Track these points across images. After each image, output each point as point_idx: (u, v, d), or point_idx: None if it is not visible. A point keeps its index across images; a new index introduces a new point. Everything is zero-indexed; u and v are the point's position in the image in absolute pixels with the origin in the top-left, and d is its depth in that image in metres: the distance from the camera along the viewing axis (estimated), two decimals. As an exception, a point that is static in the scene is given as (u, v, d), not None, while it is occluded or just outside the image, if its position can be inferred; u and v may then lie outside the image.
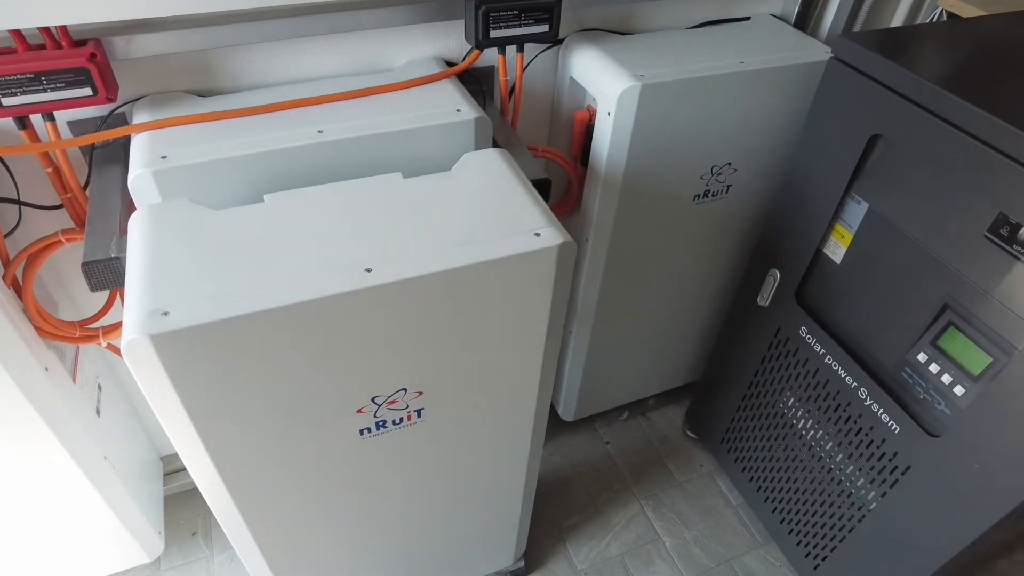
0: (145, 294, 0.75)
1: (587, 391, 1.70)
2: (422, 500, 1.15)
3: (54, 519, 1.24)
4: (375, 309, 0.80)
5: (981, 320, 1.06)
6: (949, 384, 1.13)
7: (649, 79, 1.14)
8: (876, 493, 1.29)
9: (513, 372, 1.00)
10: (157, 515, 1.44)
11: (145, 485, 1.41)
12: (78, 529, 1.28)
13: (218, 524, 1.13)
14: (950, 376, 1.13)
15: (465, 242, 0.83)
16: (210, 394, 0.79)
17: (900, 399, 1.21)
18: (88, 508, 1.24)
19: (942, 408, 1.15)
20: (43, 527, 1.24)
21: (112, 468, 1.24)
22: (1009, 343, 1.03)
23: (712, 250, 1.52)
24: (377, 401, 0.91)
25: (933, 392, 1.16)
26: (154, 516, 1.41)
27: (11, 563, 1.29)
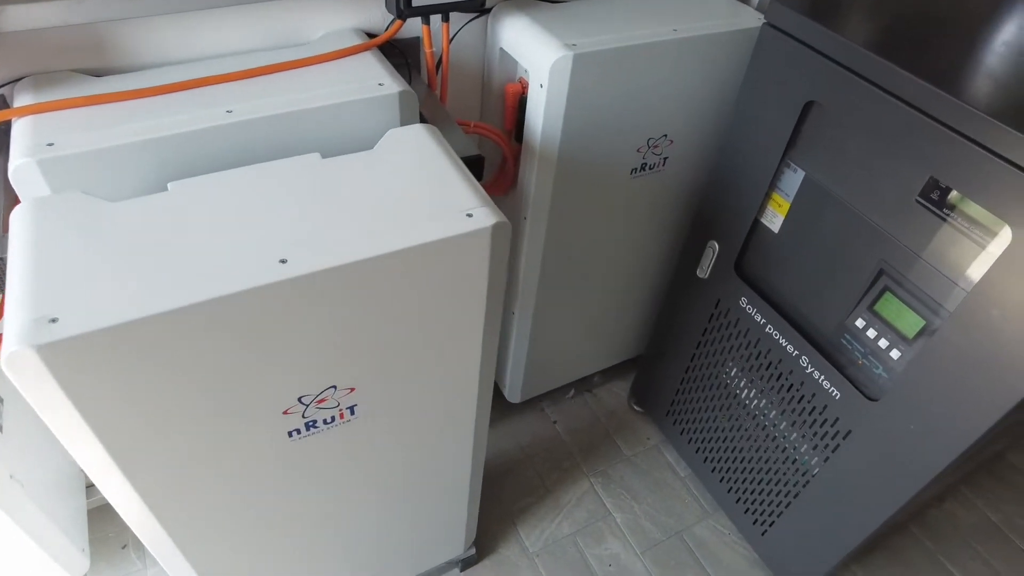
0: (28, 299, 0.66)
1: (533, 372, 1.67)
2: (363, 499, 1.10)
3: None
4: (294, 303, 0.74)
5: (914, 283, 1.08)
6: (886, 348, 1.15)
7: (582, 48, 1.09)
8: (819, 458, 1.31)
9: (452, 361, 0.95)
10: (80, 532, 1.34)
11: (63, 501, 1.31)
12: (-13, 554, 1.17)
13: (143, 539, 1.05)
14: (887, 340, 1.14)
15: (391, 226, 0.77)
16: (114, 407, 0.72)
17: (840, 365, 1.23)
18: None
19: (880, 372, 1.17)
20: (-55, 555, 1.14)
21: (21, 487, 1.14)
22: (940, 305, 1.05)
23: (652, 224, 1.51)
24: (304, 401, 0.85)
25: (871, 357, 1.18)
26: (76, 533, 1.31)
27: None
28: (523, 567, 1.54)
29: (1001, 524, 1.72)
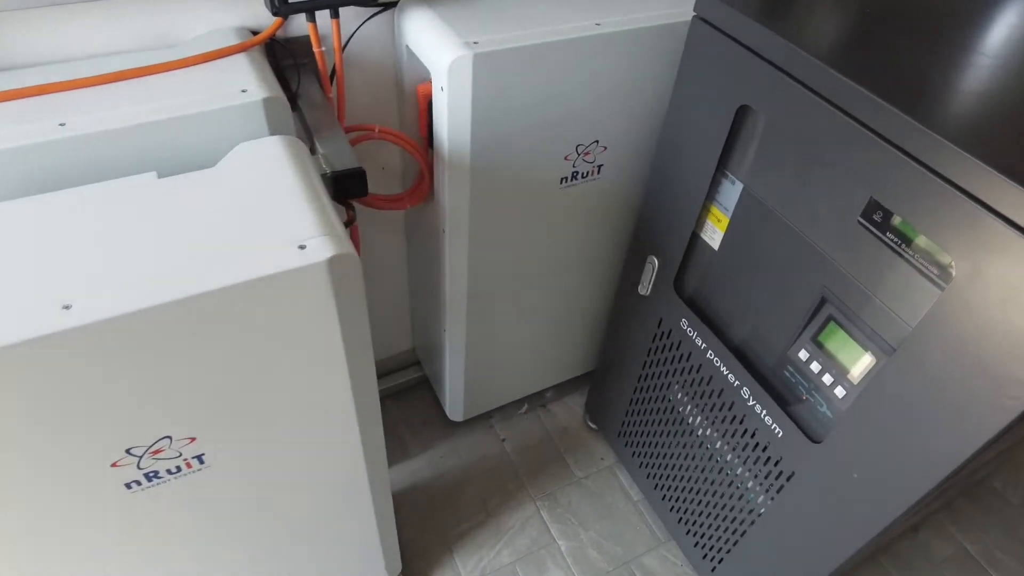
0: None
1: (474, 389, 1.56)
2: (242, 551, 1.01)
3: None
4: (85, 353, 0.64)
5: (856, 314, 0.95)
6: (830, 385, 1.02)
7: (484, 46, 0.97)
8: (765, 497, 1.20)
9: (317, 404, 0.85)
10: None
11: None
12: None
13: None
14: (831, 376, 1.02)
15: (205, 262, 0.67)
16: None
17: (783, 400, 1.10)
18: None
19: (824, 411, 1.05)
20: None
21: None
22: (884, 340, 0.92)
23: (592, 236, 1.38)
24: (135, 452, 0.76)
25: (815, 393, 1.05)
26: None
27: None
28: (455, 599, 1.45)
29: (979, 556, 1.59)
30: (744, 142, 1.03)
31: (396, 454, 1.67)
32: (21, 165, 0.79)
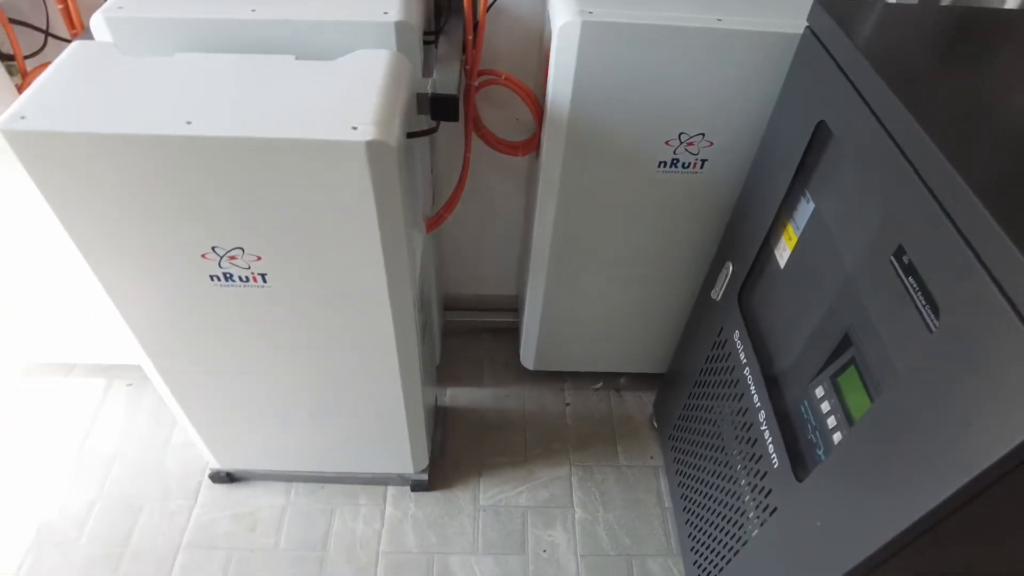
0: (21, 102, 0.90)
1: (547, 344, 1.67)
2: (294, 369, 1.24)
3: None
4: (195, 158, 0.89)
5: (870, 361, 0.90)
6: (832, 428, 0.98)
7: (596, 16, 1.07)
8: (754, 526, 1.16)
9: (353, 265, 1.04)
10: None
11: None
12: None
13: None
14: (835, 419, 0.97)
15: (290, 119, 0.88)
16: (83, 203, 0.94)
17: (791, 433, 1.07)
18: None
19: (820, 454, 1.00)
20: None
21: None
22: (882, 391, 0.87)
23: (681, 229, 1.40)
24: (217, 251, 1.01)
25: (817, 433, 1.01)
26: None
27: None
28: (465, 513, 1.59)
29: None
30: (821, 161, 1.01)
31: (470, 380, 1.85)
32: (220, 33, 1.07)
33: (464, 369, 1.87)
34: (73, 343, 1.67)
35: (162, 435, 1.70)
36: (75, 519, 1.55)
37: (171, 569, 1.48)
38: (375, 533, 1.56)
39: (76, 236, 1.00)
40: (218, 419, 1.41)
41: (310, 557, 1.51)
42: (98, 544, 1.52)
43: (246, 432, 1.45)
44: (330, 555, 1.52)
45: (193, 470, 1.64)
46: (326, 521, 1.57)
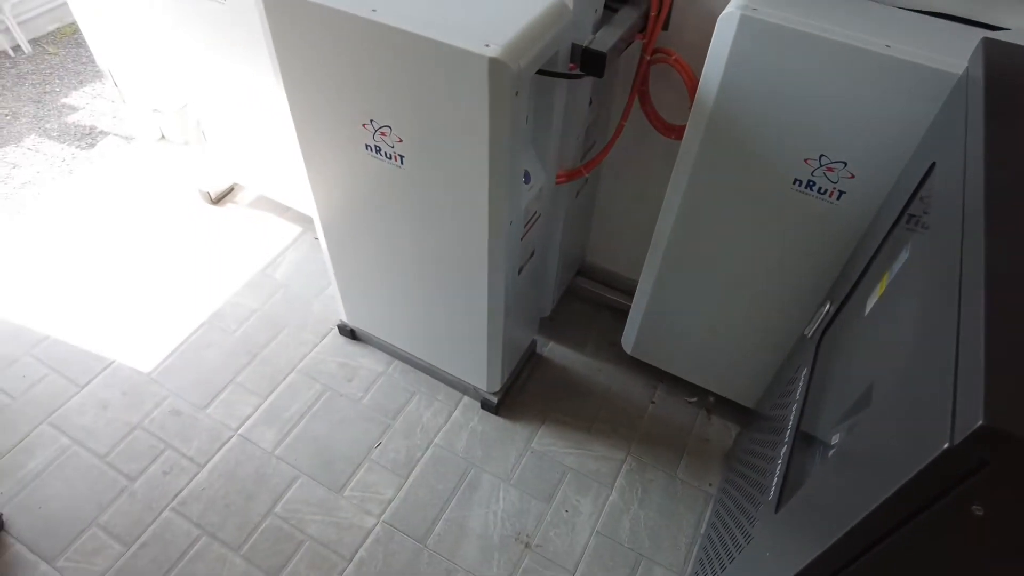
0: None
1: (647, 333, 1.70)
2: (415, 241, 1.44)
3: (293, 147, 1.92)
4: (369, 40, 1.11)
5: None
6: (829, 474, 0.93)
7: (759, 14, 1.09)
8: (735, 556, 1.13)
9: (465, 171, 1.20)
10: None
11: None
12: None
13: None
14: (835, 466, 0.92)
15: (439, 25, 1.07)
16: (289, 57, 1.24)
17: (798, 472, 1.02)
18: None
19: (810, 494, 0.95)
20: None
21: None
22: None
23: (805, 258, 1.34)
24: (374, 124, 1.25)
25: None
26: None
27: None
28: (515, 446, 1.71)
29: None
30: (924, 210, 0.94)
31: (573, 344, 1.95)
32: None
33: (573, 332, 1.97)
34: (292, 190, 2.09)
35: (320, 285, 2.07)
36: (237, 317, 1.97)
37: (282, 380, 1.83)
38: (437, 426, 1.75)
39: (288, 83, 1.30)
40: (354, 279, 1.70)
41: (380, 420, 1.76)
42: (244, 340, 1.92)
43: (373, 299, 1.72)
44: (395, 426, 1.75)
45: (329, 318, 1.98)
46: (404, 399, 1.80)
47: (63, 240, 2.19)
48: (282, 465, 1.67)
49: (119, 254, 2.15)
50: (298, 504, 1.60)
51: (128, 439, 1.71)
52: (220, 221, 2.26)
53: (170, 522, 1.57)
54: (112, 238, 2.20)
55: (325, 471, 1.66)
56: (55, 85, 3.10)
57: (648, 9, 1.32)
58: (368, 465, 1.67)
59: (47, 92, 3.05)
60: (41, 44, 3.31)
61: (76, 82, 3.12)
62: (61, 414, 1.75)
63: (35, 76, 3.13)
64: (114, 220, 2.26)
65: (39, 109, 2.96)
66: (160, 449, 1.69)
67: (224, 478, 1.64)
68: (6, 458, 1.66)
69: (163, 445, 1.70)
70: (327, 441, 1.72)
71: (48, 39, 3.35)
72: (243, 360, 1.87)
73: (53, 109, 2.96)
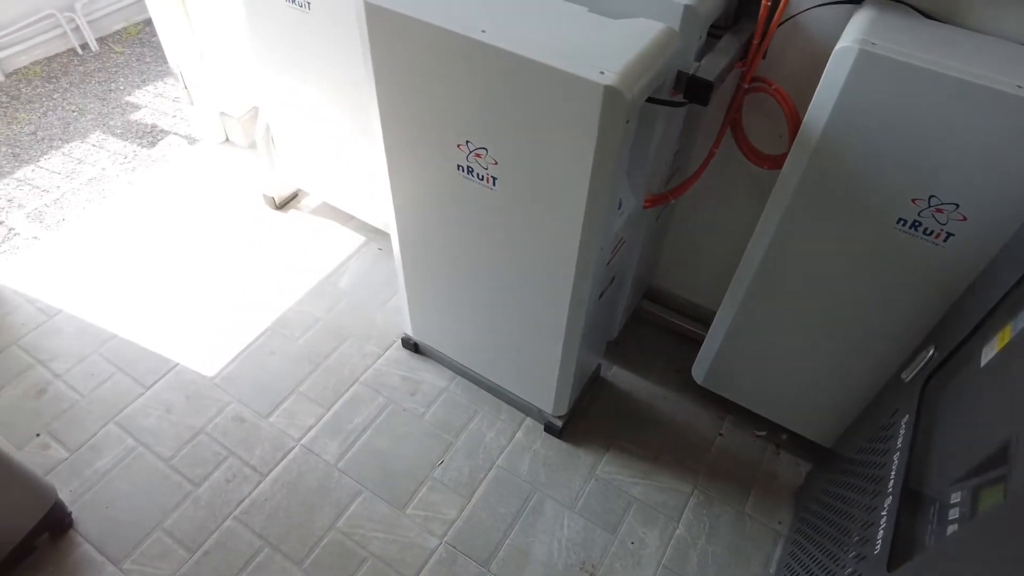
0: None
1: (721, 363, 1.66)
2: (497, 263, 1.42)
3: (361, 159, 1.92)
4: (476, 61, 1.10)
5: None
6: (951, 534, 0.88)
7: (878, 48, 1.06)
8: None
9: (562, 196, 1.18)
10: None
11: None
12: (367, 173, 1.95)
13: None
14: (958, 526, 0.88)
15: (551, 49, 1.05)
16: (386, 71, 1.23)
17: (908, 526, 0.98)
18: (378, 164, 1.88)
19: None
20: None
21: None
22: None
23: (903, 300, 1.29)
24: (470, 146, 1.23)
25: (931, 534, 0.92)
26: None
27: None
28: (579, 473, 1.68)
29: None
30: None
31: (639, 369, 1.91)
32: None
33: (638, 357, 1.94)
34: (358, 200, 2.09)
35: (384, 296, 2.06)
36: (301, 324, 1.97)
37: (345, 391, 1.82)
38: (499, 447, 1.73)
39: (381, 97, 1.29)
40: (425, 294, 1.68)
41: (442, 437, 1.74)
42: (308, 348, 1.91)
43: (442, 315, 1.71)
44: (457, 444, 1.73)
45: (392, 331, 1.97)
46: (467, 417, 1.78)
47: (128, 238, 2.22)
48: (345, 479, 1.66)
49: (183, 255, 2.16)
50: (361, 520, 1.59)
51: (192, 444, 1.71)
52: (284, 227, 2.27)
53: (233, 531, 1.56)
54: (177, 239, 2.22)
55: (388, 487, 1.65)
56: (120, 83, 3.15)
57: (750, 37, 1.29)
58: (431, 483, 1.66)
59: (112, 90, 3.11)
60: (107, 43, 3.37)
61: (139, 81, 3.17)
62: (127, 414, 1.76)
63: (101, 74, 3.19)
64: (179, 221, 2.28)
65: (104, 106, 3.01)
66: (223, 456, 1.69)
67: (287, 489, 1.63)
68: (76, 455, 1.67)
69: (226, 452, 1.70)
70: (389, 456, 1.70)
71: (114, 38, 3.41)
72: (306, 369, 1.87)
73: (117, 107, 3.01)
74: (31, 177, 2.63)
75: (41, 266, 2.12)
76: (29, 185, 2.59)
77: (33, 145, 2.79)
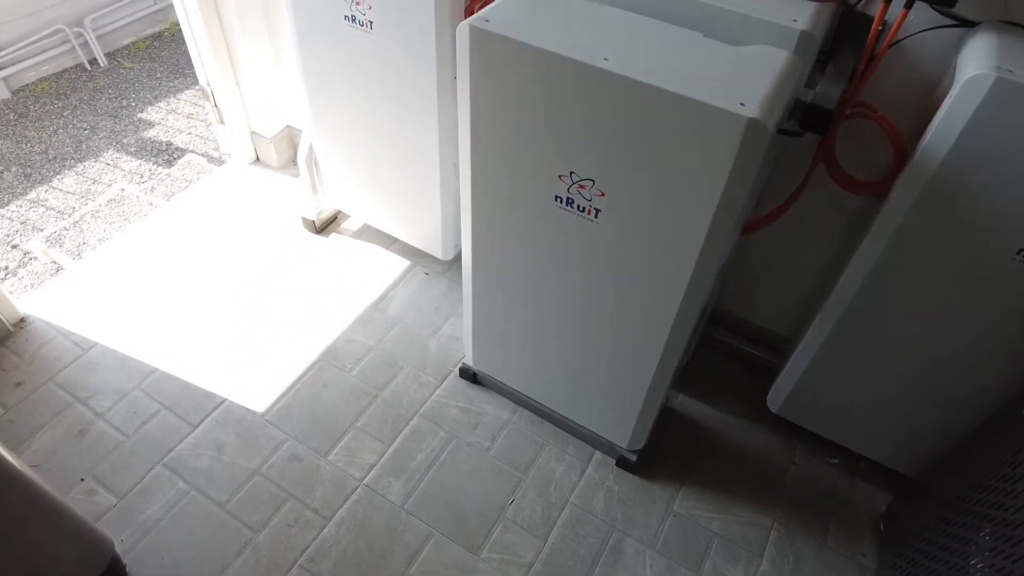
0: (488, 9, 1.13)
1: (801, 394, 1.62)
2: (588, 296, 1.35)
3: (409, 183, 1.85)
4: (598, 90, 1.04)
5: None
6: None
7: (1014, 76, 1.02)
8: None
9: (680, 232, 1.13)
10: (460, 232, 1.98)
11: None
12: (415, 199, 1.88)
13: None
14: None
15: (680, 78, 0.99)
16: (483, 96, 1.17)
17: None
18: (427, 190, 1.82)
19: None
20: (404, 179, 1.87)
21: (454, 175, 1.77)
22: None
23: (1018, 333, 1.26)
24: (573, 177, 1.17)
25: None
26: (458, 233, 1.95)
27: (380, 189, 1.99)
28: (656, 509, 1.62)
29: None
30: None
31: (706, 396, 1.86)
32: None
33: (705, 383, 1.89)
34: (404, 222, 2.01)
35: (436, 322, 1.99)
36: (353, 355, 1.89)
37: (405, 425, 1.74)
38: (571, 483, 1.66)
39: (474, 123, 1.22)
40: (493, 324, 1.62)
41: (510, 473, 1.67)
42: (362, 380, 1.83)
43: (509, 346, 1.64)
44: (527, 481, 1.66)
45: (447, 359, 1.89)
46: (534, 451, 1.71)
47: (161, 264, 2.12)
48: (413, 520, 1.58)
49: (221, 281, 2.07)
50: (435, 565, 1.51)
51: (248, 486, 1.62)
52: (325, 251, 2.18)
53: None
54: (213, 264, 2.12)
55: (459, 528, 1.57)
56: (131, 99, 3.04)
57: (856, 63, 1.25)
58: (503, 524, 1.58)
59: (123, 107, 3.00)
60: (116, 58, 3.26)
61: (151, 97, 3.07)
62: (176, 456, 1.66)
63: (111, 90, 3.08)
64: (214, 245, 2.19)
65: (116, 123, 2.90)
66: (282, 499, 1.60)
67: (353, 533, 1.55)
68: (125, 501, 1.57)
69: (285, 494, 1.61)
70: (457, 495, 1.63)
71: (123, 53, 3.30)
72: (362, 402, 1.78)
73: (130, 124, 2.91)
74: (45, 198, 2.52)
75: (71, 295, 2.01)
76: (43, 207, 2.48)
77: (45, 164, 2.68)
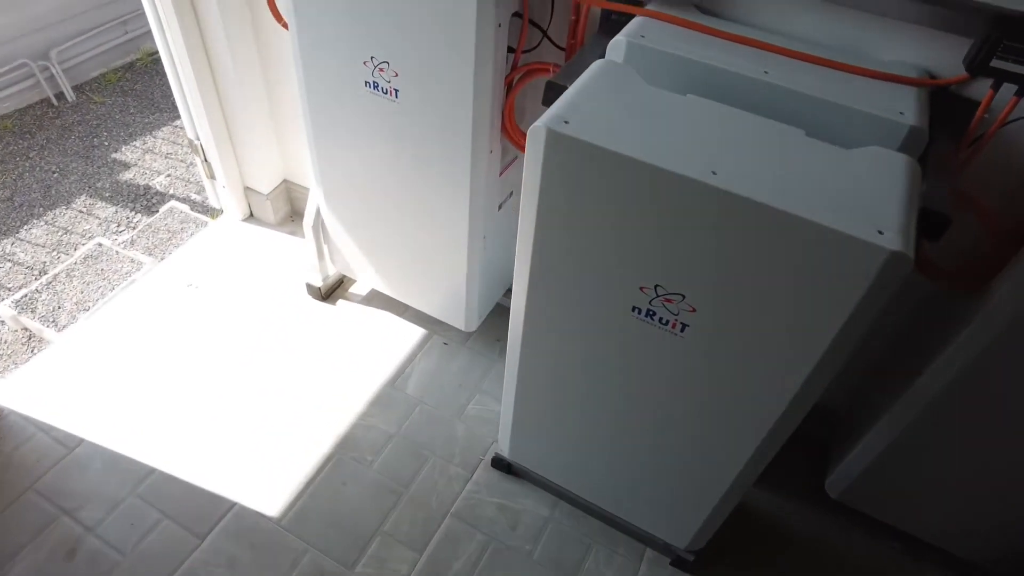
0: (561, 106, 0.99)
1: (866, 483, 1.51)
2: (662, 407, 1.23)
3: (430, 252, 1.69)
4: (699, 205, 0.91)
5: None
6: None
7: None
8: None
9: (778, 364, 1.00)
10: (486, 304, 1.83)
11: (491, 278, 1.79)
12: (436, 268, 1.72)
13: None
14: None
15: (803, 197, 0.86)
16: (558, 202, 1.02)
17: None
18: (452, 260, 1.66)
19: None
20: (422, 251, 1.71)
21: (483, 247, 1.62)
22: None
23: None
24: (658, 290, 1.03)
25: None
26: (483, 303, 1.80)
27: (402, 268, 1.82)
28: (716, 613, 1.50)
29: None
30: None
31: (766, 479, 1.74)
32: (723, 82, 1.10)
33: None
34: (420, 290, 1.85)
35: (461, 400, 1.83)
36: (372, 445, 1.72)
37: (437, 527, 1.58)
38: (623, 588, 1.53)
39: (541, 218, 1.07)
40: (536, 416, 1.47)
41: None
42: (385, 474, 1.67)
43: (552, 439, 1.49)
44: (576, 587, 1.52)
45: (478, 445, 1.74)
46: (581, 553, 1.57)
47: (150, 338, 1.91)
48: (457, 642, 1.43)
49: (221, 359, 1.88)
50: None
51: (269, 609, 1.44)
52: (333, 321, 2.00)
53: None
54: (210, 339, 1.92)
55: (509, 649, 1.42)
56: (103, 138, 2.81)
57: (955, 148, 1.14)
58: (556, 640, 1.44)
59: (95, 146, 2.77)
60: (85, 92, 3.01)
61: (125, 135, 2.84)
62: (183, 575, 1.47)
63: (81, 127, 2.84)
64: (210, 315, 1.99)
65: (88, 165, 2.68)
66: (309, 622, 1.43)
67: (392, 661, 1.39)
68: (127, 641, 1.38)
69: (311, 616, 1.44)
70: (504, 609, 1.48)
71: (92, 86, 3.06)
72: (388, 501, 1.62)
73: (103, 165, 2.68)
74: (12, 252, 2.29)
75: (50, 379, 1.80)
76: (10, 262, 2.25)
77: (10, 213, 2.44)
